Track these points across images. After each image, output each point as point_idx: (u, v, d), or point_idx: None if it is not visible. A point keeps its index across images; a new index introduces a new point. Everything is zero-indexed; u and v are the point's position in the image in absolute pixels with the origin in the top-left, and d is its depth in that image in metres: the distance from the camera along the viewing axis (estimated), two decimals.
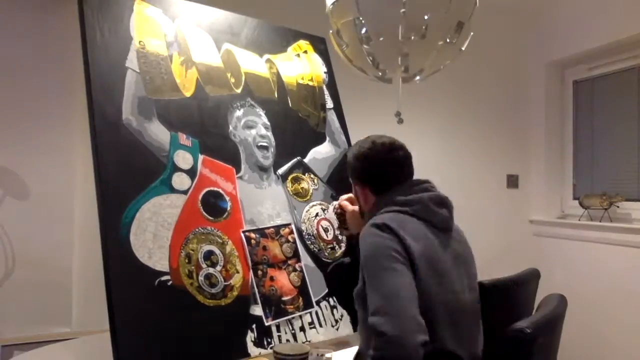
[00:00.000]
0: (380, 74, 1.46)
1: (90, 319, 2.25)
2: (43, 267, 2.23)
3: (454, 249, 1.27)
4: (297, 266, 1.57)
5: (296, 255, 1.59)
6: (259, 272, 1.48)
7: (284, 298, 1.50)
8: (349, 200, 1.69)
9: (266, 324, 1.42)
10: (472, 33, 1.40)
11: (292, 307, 1.50)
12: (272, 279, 1.50)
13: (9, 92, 2.23)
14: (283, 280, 1.52)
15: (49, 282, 2.24)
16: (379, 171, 1.34)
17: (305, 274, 1.58)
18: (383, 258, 1.15)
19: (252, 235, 1.51)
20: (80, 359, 1.53)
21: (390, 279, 1.12)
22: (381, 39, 1.33)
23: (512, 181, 3.24)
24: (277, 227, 1.58)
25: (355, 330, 1.59)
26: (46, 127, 2.28)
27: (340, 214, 1.65)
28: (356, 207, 1.65)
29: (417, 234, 1.20)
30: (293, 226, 1.62)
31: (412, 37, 1.29)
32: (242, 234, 1.48)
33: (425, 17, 1.28)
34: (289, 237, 1.60)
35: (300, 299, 1.53)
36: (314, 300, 1.56)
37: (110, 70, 1.38)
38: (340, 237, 1.72)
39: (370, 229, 1.21)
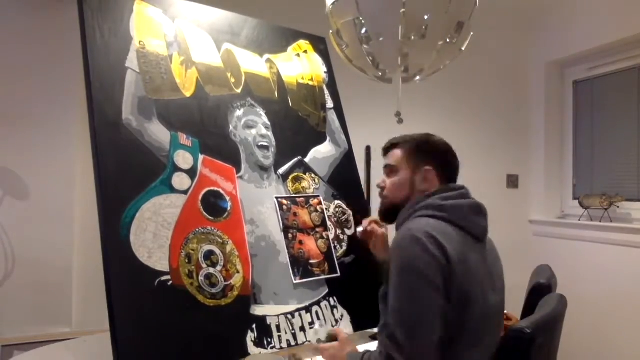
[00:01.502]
0: (380, 74, 1.46)
1: (90, 319, 2.25)
2: (43, 267, 2.23)
3: (488, 262, 1.24)
4: (324, 234, 1.67)
5: (324, 224, 1.68)
6: (290, 235, 1.58)
7: (312, 261, 1.59)
8: (375, 222, 1.62)
9: (294, 282, 1.51)
10: (472, 33, 1.40)
11: (318, 269, 1.59)
12: (301, 242, 1.59)
13: (8, 92, 2.23)
14: (311, 245, 1.62)
15: (49, 282, 2.24)
16: (446, 156, 1.36)
17: (331, 243, 1.67)
18: (415, 276, 1.08)
19: (284, 201, 1.61)
20: (80, 359, 1.53)
21: (414, 304, 1.08)
22: (381, 39, 1.33)
23: (512, 181, 3.24)
24: (307, 197, 1.68)
25: (355, 330, 1.60)
26: (46, 128, 2.28)
27: (365, 240, 1.63)
28: (385, 230, 1.60)
29: (458, 247, 1.13)
30: (321, 198, 1.72)
31: (412, 37, 1.29)
32: (275, 199, 1.59)
33: (425, 17, 1.28)
34: (318, 208, 1.69)
35: (326, 264, 1.63)
36: (338, 268, 1.65)
37: (110, 70, 1.38)
38: (341, 237, 1.73)
39: (411, 237, 1.12)
